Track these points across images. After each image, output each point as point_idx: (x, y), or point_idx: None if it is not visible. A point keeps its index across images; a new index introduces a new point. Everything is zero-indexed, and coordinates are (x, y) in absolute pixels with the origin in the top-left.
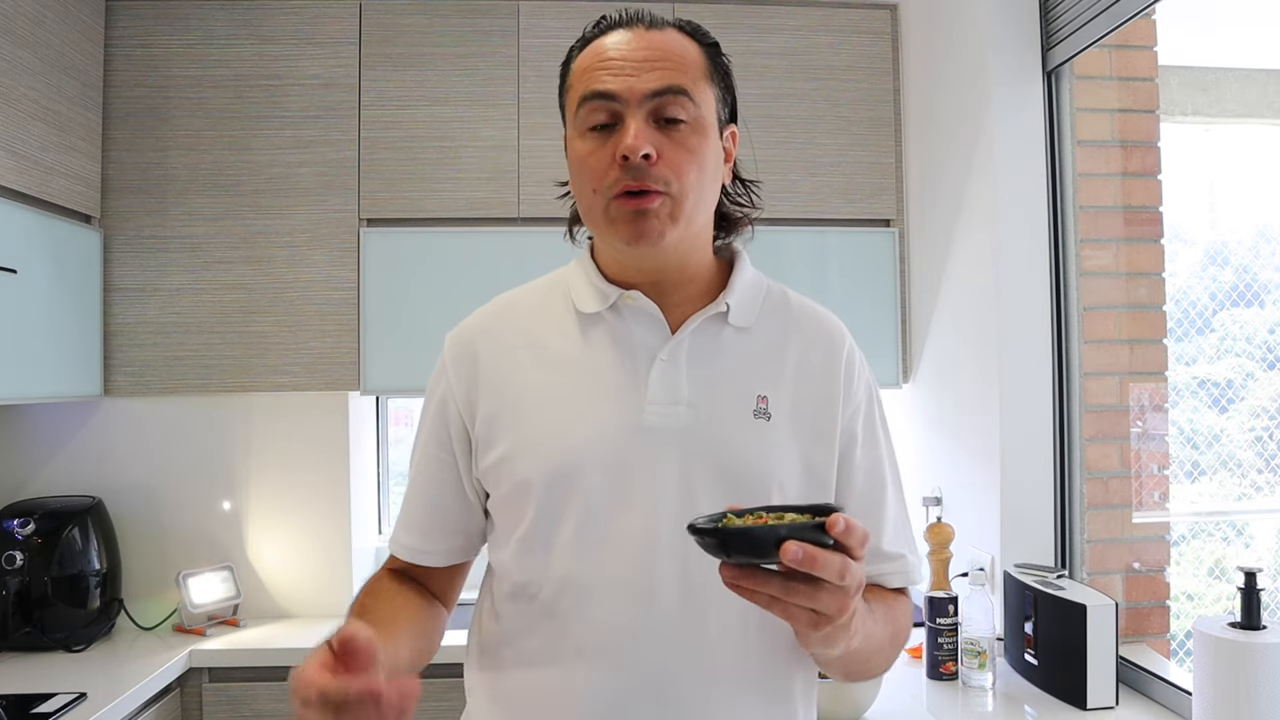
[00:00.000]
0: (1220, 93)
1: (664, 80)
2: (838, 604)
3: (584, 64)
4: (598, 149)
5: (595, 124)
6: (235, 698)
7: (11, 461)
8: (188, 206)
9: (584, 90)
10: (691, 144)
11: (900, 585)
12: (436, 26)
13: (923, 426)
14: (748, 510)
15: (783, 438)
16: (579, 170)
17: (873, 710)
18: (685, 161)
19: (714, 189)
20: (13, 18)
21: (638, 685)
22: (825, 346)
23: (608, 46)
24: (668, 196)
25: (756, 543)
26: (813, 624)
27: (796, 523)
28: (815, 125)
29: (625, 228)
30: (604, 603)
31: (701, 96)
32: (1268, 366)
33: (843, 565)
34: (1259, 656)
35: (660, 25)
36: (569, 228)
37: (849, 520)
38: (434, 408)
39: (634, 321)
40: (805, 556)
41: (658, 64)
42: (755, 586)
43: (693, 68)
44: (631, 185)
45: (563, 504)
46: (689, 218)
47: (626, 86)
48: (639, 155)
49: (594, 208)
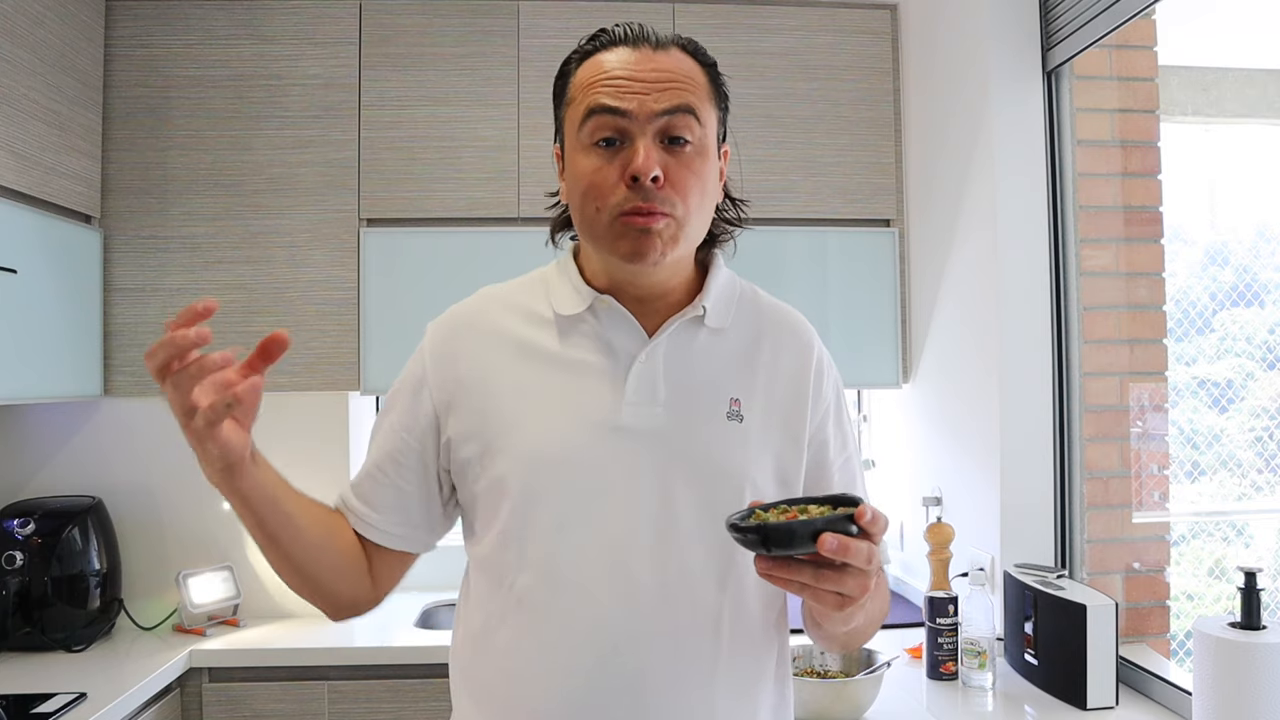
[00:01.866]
0: (1220, 93)
1: (675, 100)
2: (861, 586)
3: (589, 78)
4: (604, 165)
5: (600, 139)
6: (235, 698)
7: (11, 461)
8: (188, 206)
9: (591, 104)
10: (695, 166)
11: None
12: (436, 26)
13: (923, 426)
14: (771, 505)
15: (755, 439)
16: (580, 183)
17: (873, 710)
18: (690, 184)
19: (710, 210)
20: (13, 18)
21: (613, 678)
22: (796, 350)
23: (615, 63)
24: (672, 219)
25: (795, 536)
26: (839, 605)
27: (830, 515)
28: (815, 125)
29: (626, 245)
30: (580, 598)
31: (706, 118)
32: (1268, 366)
33: (870, 551)
34: (1259, 656)
35: (665, 45)
36: (552, 234)
37: (875, 510)
38: (408, 392)
39: (612, 324)
40: (840, 546)
41: (668, 85)
42: (790, 576)
43: (699, 89)
44: (641, 207)
45: (539, 501)
46: (688, 239)
47: (637, 104)
48: (649, 178)
49: (596, 224)
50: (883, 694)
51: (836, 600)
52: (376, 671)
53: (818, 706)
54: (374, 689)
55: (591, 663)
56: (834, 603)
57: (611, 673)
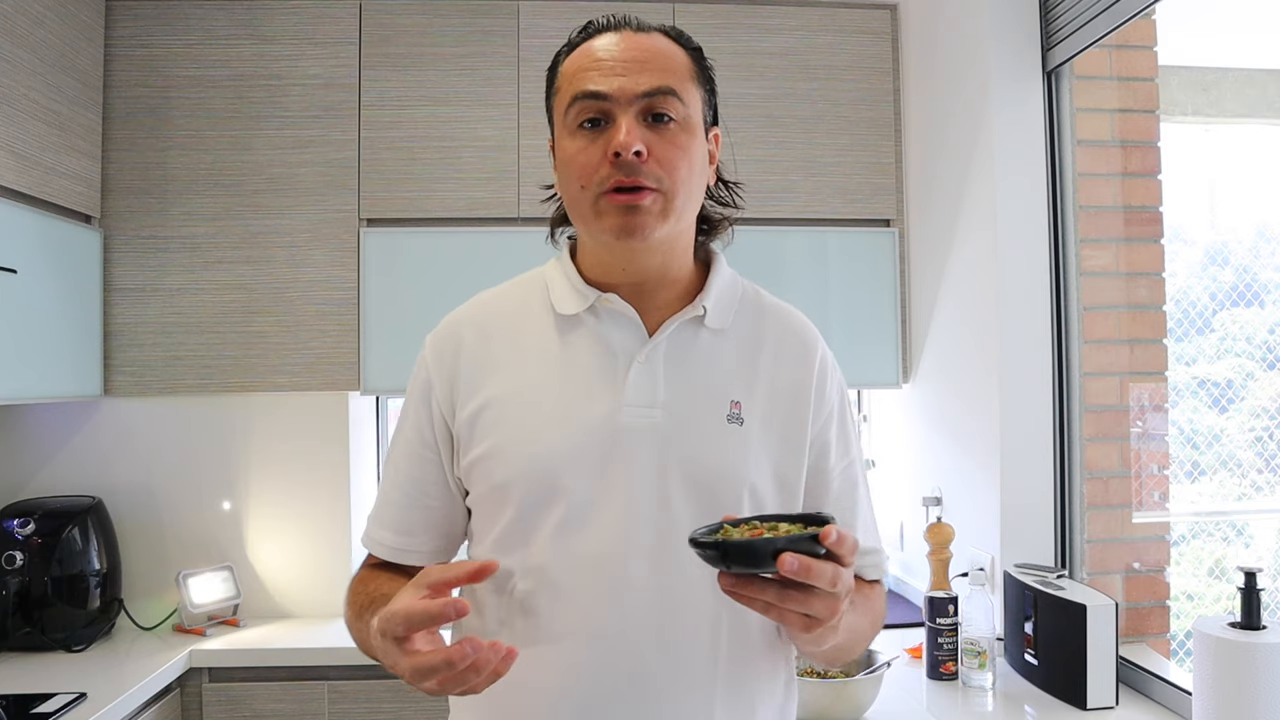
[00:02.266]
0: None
1: (654, 81)
2: (829, 608)
3: (573, 66)
4: (587, 146)
5: (584, 120)
6: (235, 698)
7: (11, 461)
8: (188, 206)
9: (575, 91)
10: (681, 141)
11: (875, 577)
12: (436, 26)
13: (923, 426)
14: (743, 520)
15: (755, 443)
16: (567, 167)
17: (873, 710)
18: (675, 158)
19: (701, 188)
20: (13, 18)
21: (611, 681)
22: (799, 353)
23: (597, 48)
24: (659, 193)
25: (755, 554)
26: (805, 627)
27: (793, 534)
28: (815, 125)
29: (615, 221)
30: (579, 598)
31: (689, 97)
32: (1268, 366)
33: (834, 573)
34: (1259, 656)
35: (646, 29)
36: (551, 230)
37: (841, 531)
38: (416, 404)
39: (612, 324)
40: (801, 567)
41: (647, 65)
42: (753, 594)
43: (680, 69)
44: (624, 181)
45: (540, 503)
46: (678, 214)
47: (617, 87)
48: (630, 152)
49: (582, 203)
50: (883, 694)
51: (803, 621)
52: (376, 671)
53: (818, 706)
54: (374, 689)
55: (589, 665)
56: (800, 624)
57: (609, 675)
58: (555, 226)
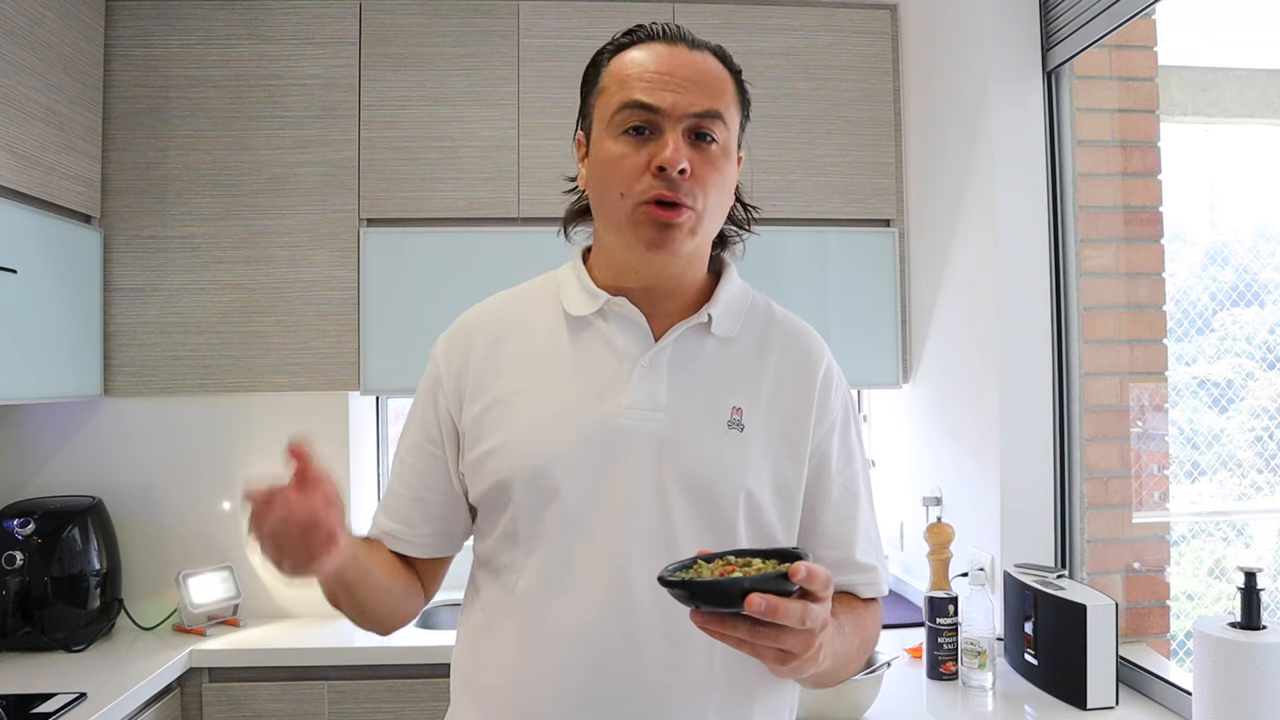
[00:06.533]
0: (1220, 93)
1: (706, 103)
2: (802, 644)
3: (625, 70)
4: (631, 153)
5: (630, 127)
6: (235, 698)
7: (11, 461)
8: (188, 206)
9: (626, 98)
10: (720, 164)
11: (871, 595)
12: (436, 26)
13: (923, 426)
14: (717, 555)
15: (755, 449)
16: (607, 170)
17: (873, 710)
18: (712, 180)
19: (726, 209)
20: (13, 18)
21: (607, 682)
22: (803, 363)
23: (652, 59)
24: (694, 212)
25: (723, 594)
26: (780, 660)
27: (761, 573)
28: (815, 125)
29: (649, 234)
30: (577, 599)
31: (731, 121)
32: (1268, 366)
33: (804, 612)
34: (1259, 656)
35: (700, 47)
36: (564, 226)
37: (810, 567)
38: (424, 401)
39: (620, 327)
40: (768, 607)
41: (700, 85)
42: (724, 630)
43: (727, 93)
44: (665, 195)
45: (541, 502)
46: (705, 234)
47: (670, 103)
48: (677, 169)
49: (618, 209)
50: (883, 694)
51: (777, 656)
52: (376, 671)
53: (817, 706)
54: (374, 689)
55: (586, 666)
56: (774, 658)
57: (606, 676)
58: (569, 221)
